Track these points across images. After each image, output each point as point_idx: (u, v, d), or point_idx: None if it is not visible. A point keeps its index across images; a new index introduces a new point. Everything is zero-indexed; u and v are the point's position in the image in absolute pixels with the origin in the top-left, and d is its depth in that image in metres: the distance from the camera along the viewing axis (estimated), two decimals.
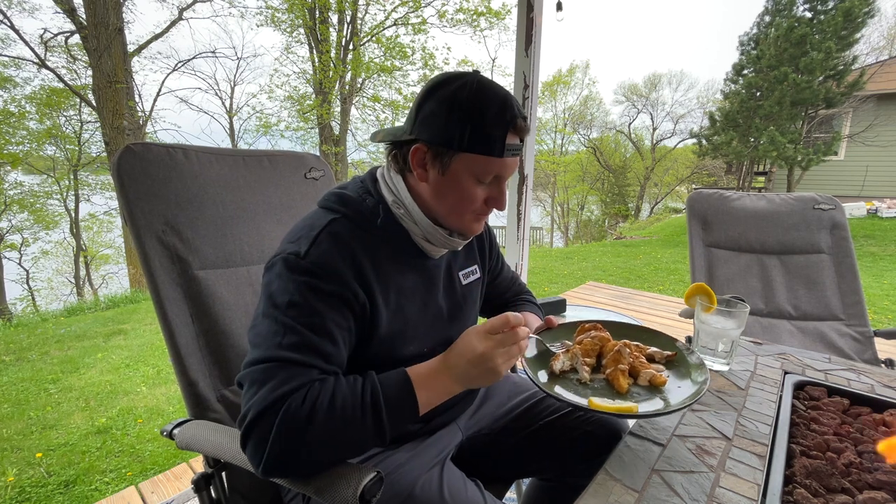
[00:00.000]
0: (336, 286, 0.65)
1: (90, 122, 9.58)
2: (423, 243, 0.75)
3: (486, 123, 0.66)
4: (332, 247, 0.66)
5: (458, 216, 0.73)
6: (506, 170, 0.70)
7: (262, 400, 0.56)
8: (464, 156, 0.67)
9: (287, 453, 0.55)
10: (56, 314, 5.15)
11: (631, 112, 18.78)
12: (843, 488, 0.59)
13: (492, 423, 0.93)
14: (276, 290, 0.63)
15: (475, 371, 0.61)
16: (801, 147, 9.33)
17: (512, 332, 0.62)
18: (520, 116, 0.68)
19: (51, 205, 9.81)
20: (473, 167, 0.68)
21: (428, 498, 0.69)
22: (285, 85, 10.79)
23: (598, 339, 0.80)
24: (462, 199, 0.71)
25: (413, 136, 0.69)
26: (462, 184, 0.69)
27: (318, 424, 0.55)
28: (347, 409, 0.57)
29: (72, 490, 1.87)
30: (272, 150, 1.12)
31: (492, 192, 0.73)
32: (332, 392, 0.58)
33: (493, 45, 23.33)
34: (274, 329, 0.61)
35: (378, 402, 0.59)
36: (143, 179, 0.86)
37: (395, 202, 0.73)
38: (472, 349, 0.61)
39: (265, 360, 0.59)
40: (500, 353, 0.61)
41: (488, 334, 0.62)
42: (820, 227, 1.78)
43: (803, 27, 8.86)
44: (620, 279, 5.91)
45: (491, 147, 0.66)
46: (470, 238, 0.79)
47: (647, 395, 0.72)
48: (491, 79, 0.70)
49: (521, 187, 2.39)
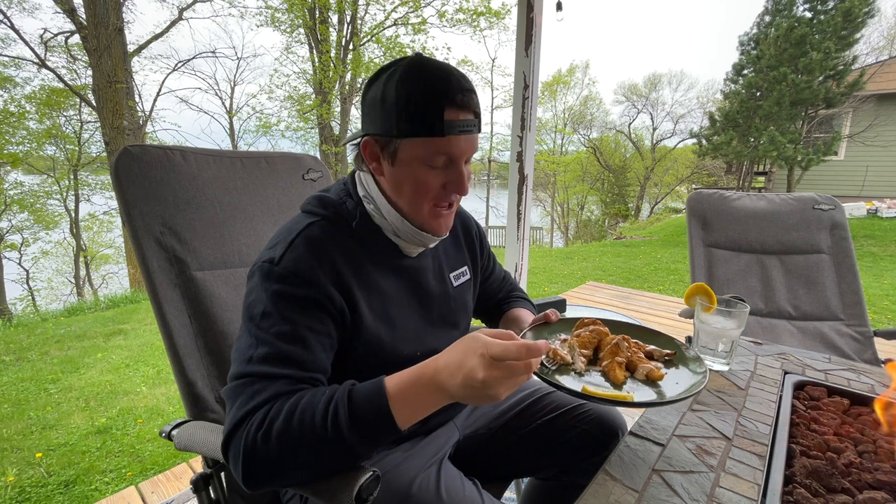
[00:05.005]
0: (309, 291, 0.64)
1: (90, 122, 9.60)
2: (397, 240, 0.75)
3: (419, 103, 0.63)
4: (305, 251, 0.66)
5: (417, 208, 0.70)
6: (456, 149, 0.66)
7: (231, 419, 0.57)
8: (406, 141, 0.65)
9: (255, 472, 0.55)
10: (56, 314, 5.15)
11: (631, 112, 18.80)
12: (843, 488, 0.59)
13: (490, 421, 0.93)
14: (252, 301, 0.64)
15: (471, 394, 0.53)
16: (801, 147, 9.34)
17: (525, 364, 0.52)
18: (458, 91, 0.64)
19: (51, 205, 9.82)
20: (419, 152, 0.66)
21: (425, 497, 0.69)
22: (285, 85, 10.81)
23: (596, 333, 0.79)
24: (416, 187, 0.68)
25: (363, 131, 0.70)
26: (413, 171, 0.67)
27: (274, 445, 0.54)
28: (305, 430, 0.54)
29: (72, 490, 1.87)
30: (270, 152, 1.12)
31: (448, 175, 0.69)
32: (293, 409, 0.55)
33: (493, 45, 23.36)
34: (248, 343, 0.62)
35: (339, 423, 0.54)
36: (141, 181, 0.86)
37: (365, 197, 0.73)
38: (472, 374, 0.52)
39: (238, 377, 0.60)
40: (505, 383, 0.52)
41: (495, 361, 0.51)
42: (820, 227, 1.78)
43: (803, 27, 8.86)
44: (620, 279, 5.91)
45: (430, 127, 0.63)
46: (441, 235, 0.75)
47: (644, 388, 0.70)
48: (433, 58, 0.67)
49: (521, 187, 2.39)
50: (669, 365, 0.77)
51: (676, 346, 0.81)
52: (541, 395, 0.94)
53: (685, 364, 0.77)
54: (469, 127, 0.66)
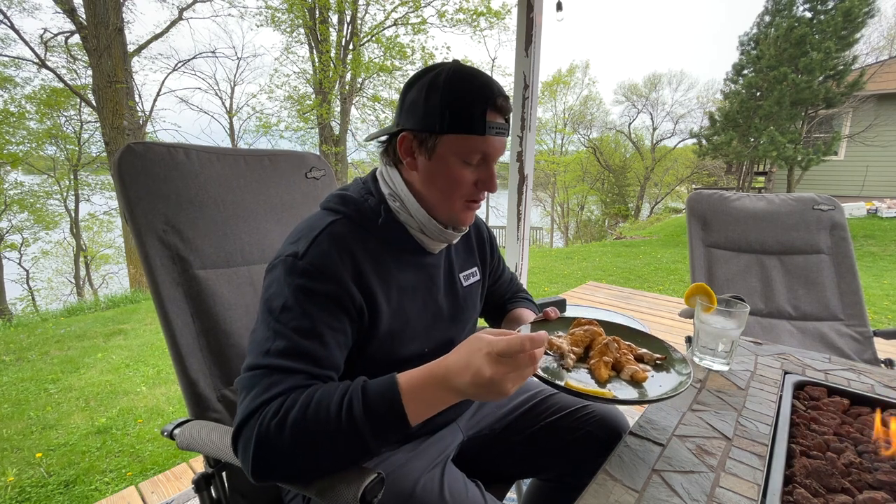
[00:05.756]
0: (331, 287, 0.65)
1: (90, 122, 9.59)
2: (421, 237, 0.76)
3: (465, 103, 0.67)
4: (330, 247, 0.67)
5: (448, 202, 0.73)
6: (491, 148, 0.70)
7: (245, 408, 0.58)
8: (447, 137, 0.69)
9: (265, 461, 0.55)
10: (56, 314, 5.15)
11: (631, 112, 18.81)
12: (843, 488, 0.59)
13: (493, 423, 0.93)
14: (272, 295, 0.65)
15: (480, 391, 0.55)
16: (801, 147, 9.34)
17: (529, 355, 0.54)
18: (499, 95, 0.68)
19: (51, 205, 9.82)
20: (457, 148, 0.69)
21: (429, 498, 0.69)
22: (285, 85, 10.81)
23: (590, 333, 0.81)
24: (451, 182, 0.71)
25: (399, 126, 0.72)
26: (449, 166, 0.70)
27: (288, 434, 0.54)
28: (321, 420, 0.55)
29: (72, 490, 1.87)
30: (273, 150, 1.12)
31: (480, 174, 0.73)
32: (308, 401, 0.56)
33: (493, 45, 23.39)
34: (266, 335, 0.62)
35: (353, 416, 0.55)
36: (144, 179, 0.86)
37: (391, 195, 0.75)
38: (479, 372, 0.53)
39: (254, 367, 0.61)
40: (512, 378, 0.54)
41: (500, 358, 0.53)
42: (819, 227, 1.79)
43: (803, 27, 8.86)
44: (620, 279, 5.91)
45: (472, 125, 0.67)
46: (463, 230, 0.79)
47: (627, 388, 0.71)
48: (472, 66, 0.72)
49: (521, 187, 2.39)
50: (660, 369, 0.78)
51: (667, 350, 0.81)
52: (544, 396, 0.95)
53: (674, 367, 0.78)
54: (503, 130, 0.71)
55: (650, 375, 0.74)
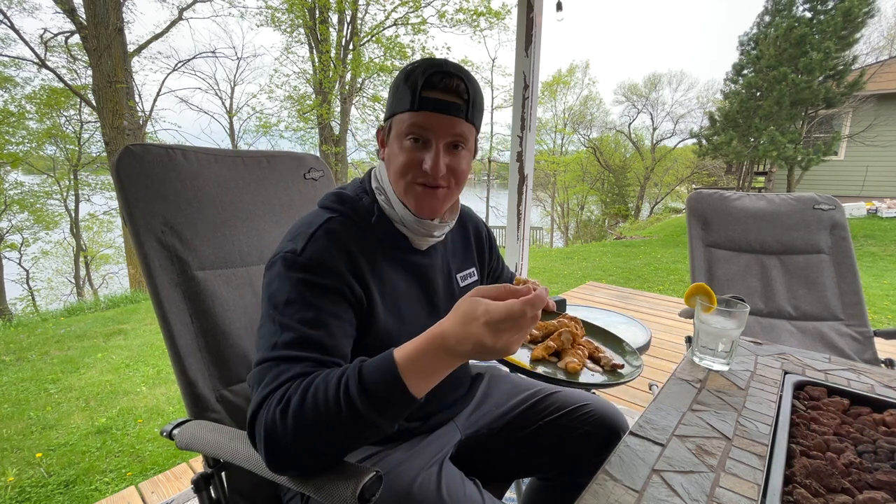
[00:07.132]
0: (332, 280, 0.66)
1: (90, 122, 9.59)
2: (404, 230, 0.76)
3: (407, 82, 0.69)
4: (327, 243, 0.68)
5: (399, 185, 0.73)
6: (427, 122, 0.68)
7: (255, 401, 0.58)
8: (394, 118, 0.71)
9: (275, 450, 0.56)
10: (56, 314, 5.15)
11: (631, 112, 18.80)
12: (843, 488, 0.59)
13: (491, 422, 0.93)
14: (275, 290, 0.65)
15: (483, 357, 0.53)
16: (801, 147, 9.34)
17: (532, 317, 0.52)
18: (439, 73, 0.67)
19: (51, 205, 9.82)
20: (399, 126, 0.71)
21: (426, 497, 0.69)
22: (285, 85, 10.81)
23: (560, 324, 0.84)
24: (396, 162, 0.72)
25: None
26: (396, 147, 0.72)
27: (290, 421, 0.54)
28: (319, 404, 0.54)
29: (72, 490, 1.87)
30: (271, 151, 1.12)
31: (424, 154, 0.70)
32: (308, 386, 0.56)
33: (493, 45, 23.37)
34: (272, 329, 0.63)
35: (350, 395, 0.53)
36: (143, 180, 0.86)
37: (377, 188, 0.76)
38: (481, 340, 0.51)
39: (263, 361, 0.61)
40: (515, 338, 0.52)
41: (499, 325, 0.51)
42: (820, 227, 1.78)
43: (803, 27, 8.86)
44: (620, 279, 5.91)
45: (407, 101, 0.69)
46: (441, 225, 0.77)
47: (554, 371, 0.76)
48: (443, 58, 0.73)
49: (521, 187, 2.39)
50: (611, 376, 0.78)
51: (629, 363, 0.81)
52: (543, 395, 0.95)
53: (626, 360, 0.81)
54: (447, 107, 0.68)
55: (584, 370, 0.77)
